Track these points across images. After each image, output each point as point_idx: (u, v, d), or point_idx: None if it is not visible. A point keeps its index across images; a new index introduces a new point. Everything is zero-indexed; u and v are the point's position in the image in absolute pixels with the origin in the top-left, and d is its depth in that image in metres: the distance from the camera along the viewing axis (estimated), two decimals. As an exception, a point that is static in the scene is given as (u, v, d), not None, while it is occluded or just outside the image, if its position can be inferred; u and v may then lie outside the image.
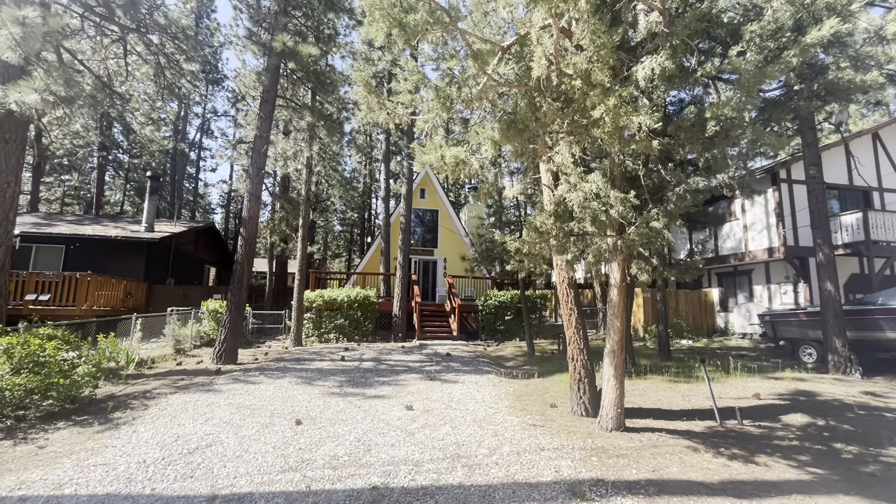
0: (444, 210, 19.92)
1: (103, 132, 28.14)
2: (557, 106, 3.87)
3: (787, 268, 13.97)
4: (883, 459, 4.47)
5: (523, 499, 3.46)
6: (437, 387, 7.57)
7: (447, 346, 13.18)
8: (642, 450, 4.63)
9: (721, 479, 3.93)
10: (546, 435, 5.07)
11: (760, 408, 6.36)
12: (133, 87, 16.99)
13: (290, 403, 6.28)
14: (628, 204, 4.55)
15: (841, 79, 3.81)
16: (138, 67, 13.33)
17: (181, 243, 18.10)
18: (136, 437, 4.79)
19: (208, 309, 13.28)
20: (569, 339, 6.17)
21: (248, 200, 10.36)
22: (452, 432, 5.11)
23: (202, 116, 33.47)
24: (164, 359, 10.13)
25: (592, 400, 5.94)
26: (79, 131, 25.80)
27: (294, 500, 3.40)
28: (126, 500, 3.38)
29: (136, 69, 13.27)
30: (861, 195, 14.49)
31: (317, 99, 13.26)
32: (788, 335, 11.05)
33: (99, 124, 26.98)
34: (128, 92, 16.16)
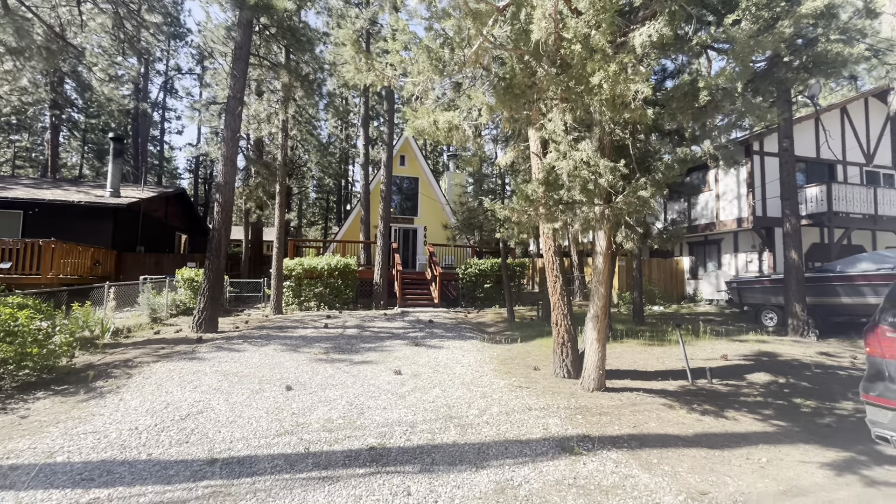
0: (424, 178, 19.68)
1: (55, 89, 26.10)
2: (554, 71, 3.81)
3: (754, 237, 14.60)
4: (837, 412, 4.88)
5: (515, 454, 3.64)
6: (423, 352, 7.72)
7: (429, 313, 13.35)
8: (622, 408, 4.90)
9: (695, 432, 4.23)
10: (532, 396, 5.29)
11: (728, 368, 6.78)
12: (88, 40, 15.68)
13: (278, 370, 6.30)
14: (618, 173, 4.61)
15: (829, 51, 3.90)
16: (93, 17, 12.28)
17: (150, 209, 17.35)
18: (124, 405, 4.73)
19: (183, 277, 12.95)
20: (553, 304, 6.35)
21: (222, 165, 9.93)
22: (442, 395, 5.27)
23: (165, 74, 31.39)
24: (140, 328, 9.90)
25: (575, 363, 6.20)
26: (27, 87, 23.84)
27: (294, 461, 3.47)
28: (122, 465, 3.38)
29: (91, 19, 12.22)
30: (826, 168, 15.10)
31: (291, 58, 12.60)
32: (752, 301, 11.68)
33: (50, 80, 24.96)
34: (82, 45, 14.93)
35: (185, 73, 32.01)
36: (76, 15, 11.54)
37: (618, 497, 2.98)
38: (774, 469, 3.46)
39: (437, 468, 3.38)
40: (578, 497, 2.97)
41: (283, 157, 13.19)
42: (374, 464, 3.45)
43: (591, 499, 2.96)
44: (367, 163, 17.19)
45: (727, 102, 3.99)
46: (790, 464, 3.57)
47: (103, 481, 3.14)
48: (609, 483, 3.17)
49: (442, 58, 4.66)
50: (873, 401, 3.05)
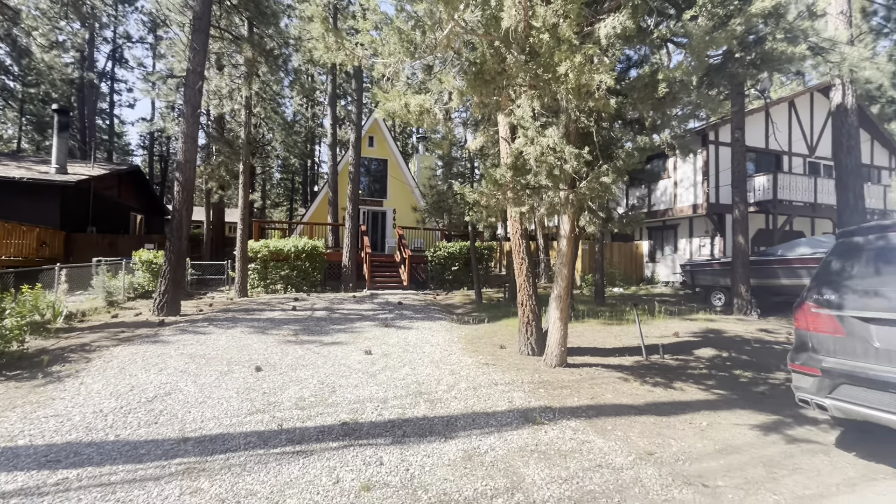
0: (393, 160, 19.50)
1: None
2: (523, 59, 3.92)
3: (707, 223, 15.46)
4: (770, 381, 5.40)
5: (482, 425, 3.86)
6: (393, 333, 7.85)
7: (398, 295, 13.46)
8: (582, 382, 5.23)
9: (646, 401, 4.59)
10: (498, 372, 5.54)
11: (679, 344, 7.29)
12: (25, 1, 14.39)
13: (247, 352, 6.27)
14: (582, 159, 4.81)
15: (776, 49, 4.20)
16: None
17: (102, 188, 16.39)
18: (86, 389, 4.62)
19: (141, 259, 12.44)
20: (519, 286, 6.60)
21: (182, 143, 9.52)
22: (412, 373, 5.43)
23: (113, 42, 29.24)
24: (95, 312, 9.51)
25: (539, 341, 6.50)
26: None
27: (267, 438, 3.55)
28: (90, 447, 3.35)
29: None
30: (773, 158, 16.08)
31: (255, 31, 12.08)
32: (703, 283, 12.46)
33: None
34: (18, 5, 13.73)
35: (135, 41, 29.95)
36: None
37: (575, 460, 3.25)
38: (713, 431, 3.84)
39: (408, 440, 3.55)
40: (540, 461, 3.22)
41: (246, 135, 12.74)
42: (347, 437, 3.58)
43: (551, 462, 3.21)
44: (334, 143, 16.85)
45: (684, 94, 4.23)
46: (726, 427, 3.96)
47: (70, 462, 3.11)
48: (567, 448, 3.44)
49: (413, 40, 4.67)
50: (798, 368, 3.44)
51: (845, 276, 3.32)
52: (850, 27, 10.27)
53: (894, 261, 3.12)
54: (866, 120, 16.00)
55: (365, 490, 2.81)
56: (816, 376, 3.28)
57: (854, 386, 3.05)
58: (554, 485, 2.90)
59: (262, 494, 2.75)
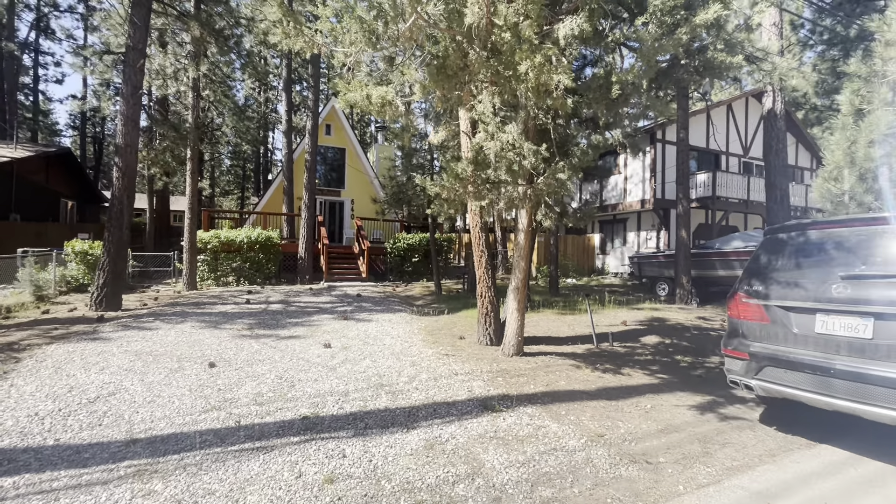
0: (351, 149, 19.11)
1: None
2: (485, 55, 3.98)
3: (654, 217, 16.37)
4: (707, 365, 5.87)
5: (443, 415, 3.96)
6: (353, 325, 7.79)
7: (357, 287, 13.31)
8: (537, 370, 5.45)
9: (597, 387, 4.87)
10: (458, 362, 5.66)
11: (627, 332, 7.74)
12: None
13: (198, 348, 6.03)
14: (540, 156, 4.97)
15: (716, 58, 4.53)
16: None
17: (26, 171, 14.95)
18: (17, 392, 4.28)
19: (74, 250, 11.53)
20: (479, 278, 6.74)
21: (122, 125, 8.87)
22: (373, 365, 5.44)
23: (37, 10, 26.49)
24: (22, 307, 8.76)
25: (497, 331, 6.68)
26: None
27: (225, 435, 3.46)
28: (26, 452, 3.13)
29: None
30: (713, 157, 17.23)
31: (202, 8, 11.37)
32: (650, 274, 13.23)
33: None
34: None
35: (63, 10, 27.26)
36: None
37: (531, 444, 3.42)
38: (656, 413, 4.15)
39: (370, 432, 3.59)
40: (499, 447, 3.36)
41: (194, 120, 12.03)
42: (309, 432, 3.56)
43: (509, 447, 3.36)
44: (289, 130, 16.27)
45: (635, 96, 4.47)
46: (668, 408, 4.29)
47: (4, 470, 2.90)
48: (524, 434, 3.61)
49: (375, 30, 4.61)
50: (730, 353, 3.78)
51: (771, 268, 3.67)
52: (781, 38, 11.14)
53: (812, 255, 3.49)
54: (793, 124, 17.47)
55: (328, 482, 2.82)
56: (745, 360, 3.63)
57: (776, 368, 3.41)
58: (512, 469, 3.04)
59: (221, 493, 2.70)
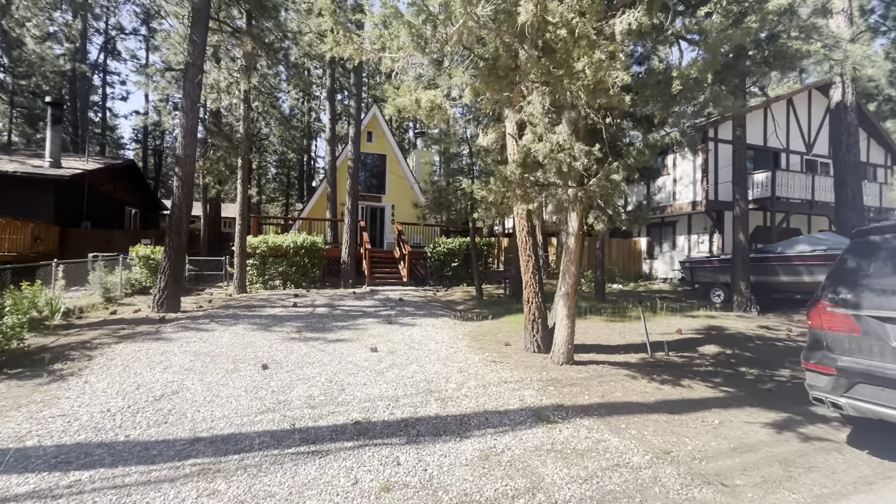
0: (392, 155, 19.38)
1: (-25, 44, 23.36)
2: (536, 55, 3.87)
3: (706, 220, 15.52)
4: (777, 379, 5.43)
5: (496, 424, 3.84)
6: (397, 330, 7.82)
7: (398, 291, 13.42)
8: (590, 379, 5.23)
9: (656, 399, 4.60)
10: (506, 369, 5.53)
11: (682, 341, 7.32)
12: None
13: (251, 349, 6.22)
14: (592, 157, 4.79)
15: (789, 47, 4.19)
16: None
17: (96, 182, 16.16)
18: (91, 388, 4.55)
19: (138, 255, 12.30)
20: (525, 283, 6.58)
21: (182, 137, 9.39)
22: (420, 370, 5.40)
23: (105, 34, 28.75)
24: (93, 308, 9.40)
25: (545, 338, 6.49)
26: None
27: (280, 437, 3.51)
28: (100, 447, 3.30)
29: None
30: (771, 155, 16.15)
31: (253, 24, 11.91)
32: (703, 279, 12.52)
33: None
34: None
35: (128, 33, 29.44)
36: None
37: (592, 459, 3.24)
38: (725, 430, 3.85)
39: (423, 439, 3.53)
40: (557, 461, 3.21)
41: (245, 130, 12.58)
42: (361, 437, 3.55)
43: (569, 461, 3.20)
44: (333, 138, 16.71)
45: (697, 92, 4.21)
46: (738, 424, 3.97)
47: (82, 464, 3.06)
48: (584, 447, 3.43)
49: (423, 34, 4.60)
50: (812, 367, 3.45)
51: (862, 274, 3.32)
52: (852, 25, 10.30)
53: (912, 260, 3.13)
54: (864, 118, 16.10)
55: (385, 491, 2.78)
56: (831, 375, 3.29)
57: (871, 385, 3.06)
58: (574, 485, 2.89)
59: (281, 496, 2.71)
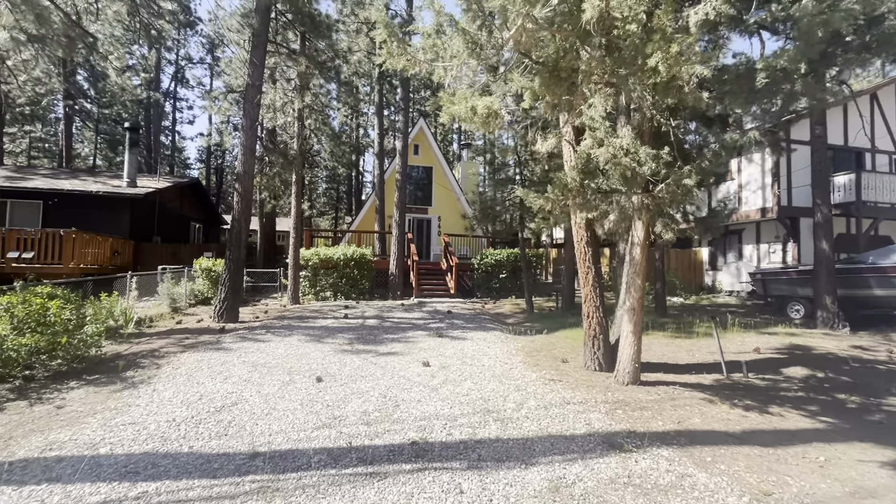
0: (438, 167, 19.48)
1: (67, 79, 26.13)
2: (601, 54, 3.63)
3: (778, 227, 14.26)
4: (886, 409, 4.72)
5: (563, 451, 3.55)
6: (448, 343, 7.64)
7: (446, 303, 13.28)
8: (662, 402, 4.78)
9: (743, 429, 4.10)
10: (567, 389, 5.19)
11: (762, 361, 6.62)
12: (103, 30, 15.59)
13: (305, 361, 6.26)
14: (661, 161, 4.44)
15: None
16: (109, 5, 12.18)
17: (166, 200, 17.39)
18: (158, 397, 4.71)
19: (201, 267, 12.99)
20: (584, 296, 6.22)
21: (241, 154, 9.85)
22: (475, 387, 5.18)
23: (176, 64, 31.29)
24: (161, 317, 9.95)
25: (606, 355, 6.08)
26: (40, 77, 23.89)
27: (337, 456, 3.41)
28: (166, 458, 3.34)
29: (107, 6, 12.11)
30: (853, 156, 14.64)
31: (307, 45, 12.42)
32: (778, 292, 11.43)
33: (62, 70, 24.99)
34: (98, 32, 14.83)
35: (195, 62, 31.88)
36: (91, 2, 11.44)
37: (679, 497, 2.88)
38: (834, 469, 3.33)
39: (485, 464, 3.30)
40: (637, 497, 2.87)
41: (299, 146, 13.06)
42: (419, 459, 3.38)
43: (651, 499, 2.86)
44: (381, 152, 17.03)
45: (786, 84, 3.78)
46: (849, 463, 3.43)
47: (149, 474, 3.09)
48: (666, 482, 3.07)
49: (478, 41, 4.49)
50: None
51: None
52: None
53: None
54: (965, 111, 14.28)
55: (448, 522, 2.59)
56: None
57: None
58: (661, 527, 2.56)
59: (341, 521, 2.59)
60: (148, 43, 12.33)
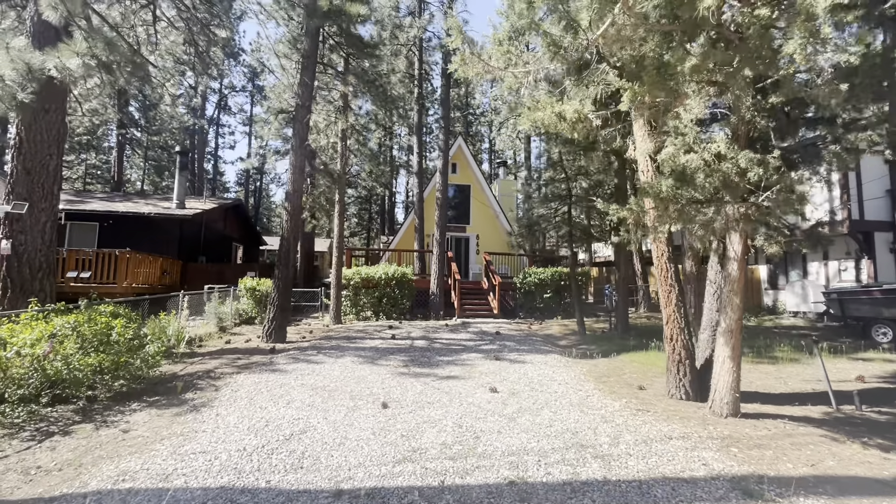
0: (476, 185, 19.30)
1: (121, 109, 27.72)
2: (722, 46, 3.27)
3: (849, 243, 13.21)
4: None
5: (689, 498, 3.04)
6: (507, 367, 7.19)
7: (491, 324, 12.81)
8: (777, 439, 4.18)
9: (893, 475, 3.48)
10: (659, 421, 4.65)
11: (872, 391, 5.87)
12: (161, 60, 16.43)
13: (365, 385, 5.94)
14: (769, 166, 3.99)
15: None
16: (166, 35, 12.76)
17: (211, 220, 17.82)
18: (223, 422, 4.47)
19: (246, 287, 13.04)
20: (667, 317, 5.69)
21: (291, 174, 9.89)
22: (557, 418, 4.71)
23: (219, 92, 32.80)
24: (210, 337, 9.92)
25: (694, 383, 5.50)
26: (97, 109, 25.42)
27: (431, 498, 3.03)
28: (244, 494, 3.04)
29: (164, 37, 12.69)
30: (930, 165, 13.53)
31: (350, 66, 12.58)
32: (859, 314, 10.44)
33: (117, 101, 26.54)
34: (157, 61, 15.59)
35: (238, 90, 33.33)
36: (151, 33, 11.99)
37: (865, 566, 2.34)
38: None
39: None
40: (811, 564, 2.36)
41: (342, 166, 13.12)
42: (524, 503, 2.95)
43: (829, 567, 2.33)
44: (420, 171, 17.01)
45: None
46: None
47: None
48: (837, 544, 2.53)
49: (561, 43, 4.21)
50: None
51: None
52: None
53: None
54: None
55: (589, 590, 2.15)
56: None
57: None
58: None
59: (460, 584, 2.19)
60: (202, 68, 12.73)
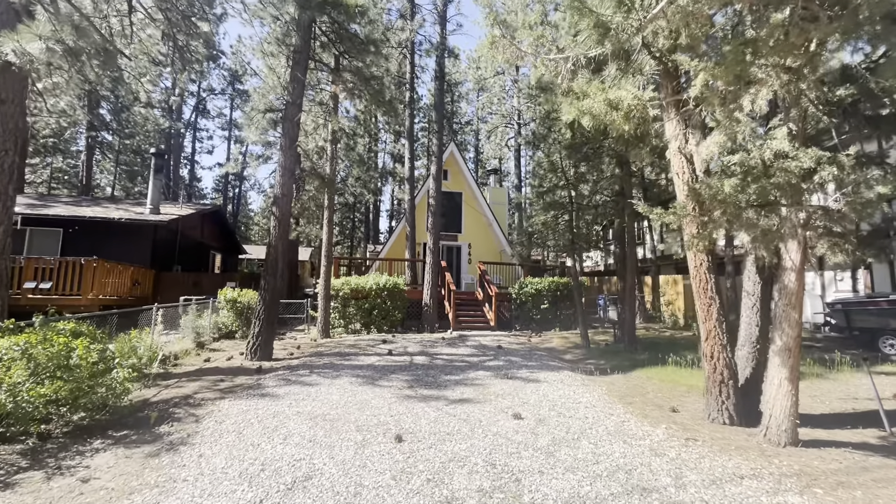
0: (468, 193, 18.79)
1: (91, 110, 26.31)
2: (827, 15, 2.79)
3: (845, 253, 13.17)
4: None
5: (804, 564, 2.47)
6: (522, 387, 6.57)
7: (489, 337, 12.19)
8: (853, 474, 3.68)
9: None
10: (715, 453, 4.09)
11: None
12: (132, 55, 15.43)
13: (370, 412, 5.23)
14: (843, 165, 3.55)
15: None
16: (143, 28, 11.88)
17: (187, 227, 16.74)
18: (208, 466, 3.69)
19: (226, 298, 12.07)
20: (706, 333, 5.19)
21: (280, 176, 9.13)
22: (600, 451, 4.10)
23: (197, 95, 31.60)
24: (186, 354, 8.99)
25: (738, 406, 4.99)
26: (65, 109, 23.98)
27: (488, 574, 2.37)
28: (242, 578, 2.31)
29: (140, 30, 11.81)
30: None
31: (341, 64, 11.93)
32: (865, 325, 10.26)
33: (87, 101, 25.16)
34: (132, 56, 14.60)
35: (217, 93, 32.18)
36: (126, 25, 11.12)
37: None
38: None
39: (709, 592, 2.24)
40: None
41: (331, 170, 12.39)
42: (606, 580, 2.33)
43: None
44: (412, 177, 16.40)
45: None
46: None
47: None
48: None
49: (608, 24, 3.70)
50: None
51: None
52: None
53: None
54: None
55: None
56: None
57: None
58: None
59: None
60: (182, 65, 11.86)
